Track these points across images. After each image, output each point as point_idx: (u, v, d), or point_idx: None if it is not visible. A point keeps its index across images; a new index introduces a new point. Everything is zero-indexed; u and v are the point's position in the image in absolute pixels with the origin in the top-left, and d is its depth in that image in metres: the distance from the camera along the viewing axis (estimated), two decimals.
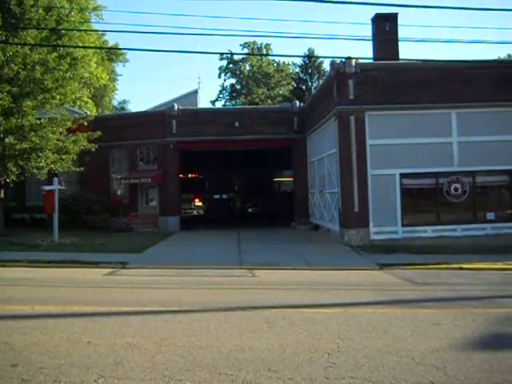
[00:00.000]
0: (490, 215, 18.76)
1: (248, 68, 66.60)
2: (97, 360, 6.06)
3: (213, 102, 67.37)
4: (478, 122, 18.57)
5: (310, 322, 7.88)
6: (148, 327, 7.61)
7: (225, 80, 67.51)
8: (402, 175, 18.52)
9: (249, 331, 7.38)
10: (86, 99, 39.63)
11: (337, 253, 17.04)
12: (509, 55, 47.30)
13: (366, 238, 18.16)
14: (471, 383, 5.42)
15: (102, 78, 44.63)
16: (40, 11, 21.25)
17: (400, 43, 22.01)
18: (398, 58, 20.93)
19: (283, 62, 66.49)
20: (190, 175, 37.83)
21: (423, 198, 19.44)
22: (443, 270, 13.69)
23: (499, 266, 14.11)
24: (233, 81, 67.38)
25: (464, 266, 13.97)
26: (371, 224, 18.30)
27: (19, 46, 20.48)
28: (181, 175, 28.66)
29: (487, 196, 19.50)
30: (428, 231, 18.41)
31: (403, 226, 18.44)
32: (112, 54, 50.80)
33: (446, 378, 5.56)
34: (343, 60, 18.39)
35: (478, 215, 18.76)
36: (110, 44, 49.45)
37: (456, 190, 18.64)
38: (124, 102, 69.65)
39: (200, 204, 37.09)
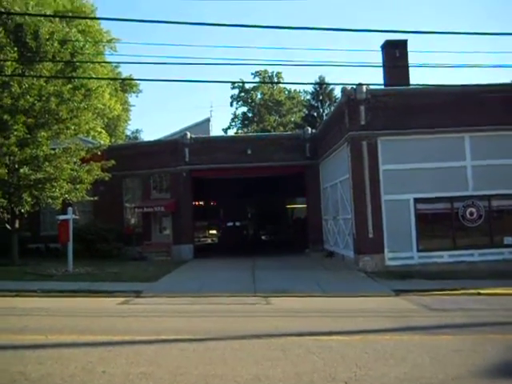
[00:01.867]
0: (508, 240, 18.51)
1: (259, 96, 67.16)
2: None
3: (225, 130, 67.91)
4: (491, 146, 18.49)
5: (327, 350, 7.77)
6: (163, 356, 7.54)
7: (237, 108, 68.13)
8: (417, 200, 18.41)
9: (264, 359, 7.29)
10: (99, 129, 40.09)
11: (352, 279, 16.88)
12: None
13: (380, 263, 17.99)
14: None
15: (115, 108, 45.20)
16: (55, 44, 21.70)
17: (411, 69, 22.16)
18: (408, 84, 21.02)
19: (294, 90, 67.06)
20: (203, 203, 37.90)
21: (438, 223, 19.26)
22: (460, 296, 13.49)
23: None
24: (245, 109, 67.94)
25: (482, 291, 13.75)
26: (386, 250, 18.15)
27: (35, 79, 20.87)
28: (195, 203, 28.73)
29: (504, 220, 19.27)
30: (444, 256, 18.21)
31: (418, 251, 18.25)
32: (125, 84, 51.48)
33: None
34: (354, 86, 18.51)
35: (494, 240, 18.53)
36: (124, 75, 50.26)
37: (471, 214, 18.48)
38: (137, 131, 70.24)
39: (214, 232, 37.07)
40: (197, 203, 32.67)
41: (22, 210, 21.75)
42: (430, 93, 19.17)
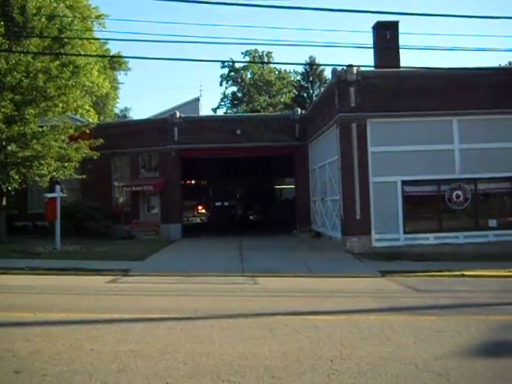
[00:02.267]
0: (492, 222, 18.75)
1: (249, 76, 66.82)
2: (100, 367, 6.06)
3: (214, 110, 67.65)
4: (479, 129, 18.61)
5: (313, 329, 7.87)
6: (151, 334, 7.61)
7: (226, 88, 67.80)
8: (404, 182, 18.53)
9: (251, 338, 7.38)
10: (87, 107, 39.68)
11: (339, 260, 17.02)
12: (510, 62, 47.32)
13: (367, 245, 18.15)
14: None
15: (103, 86, 44.69)
16: (43, 20, 21.36)
17: (401, 51, 22.14)
18: (399, 66, 20.99)
19: (284, 70, 66.80)
20: (193, 182, 37.86)
21: (425, 206, 19.44)
22: (445, 278, 13.68)
23: (501, 273, 14.08)
24: (234, 89, 67.64)
25: (466, 273, 13.95)
26: (373, 231, 18.30)
27: (22, 55, 20.57)
28: (184, 182, 28.68)
29: (489, 203, 19.49)
30: (430, 238, 18.40)
31: (405, 233, 18.43)
32: (114, 62, 50.89)
33: None
34: (344, 68, 18.48)
35: (480, 222, 18.74)
36: (113, 52, 49.61)
37: (458, 197, 18.65)
38: (126, 109, 69.83)
39: (204, 211, 37.04)
40: (186, 182, 32.63)
41: (10, 188, 21.60)
42: (419, 75, 19.18)
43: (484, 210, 18.97)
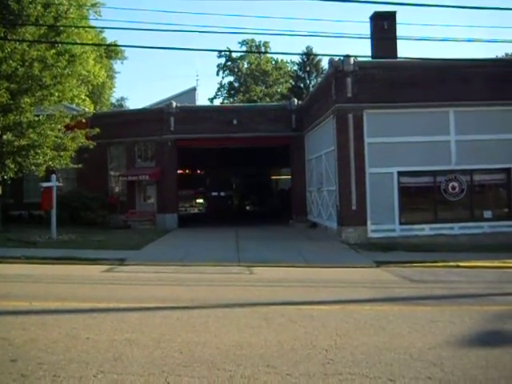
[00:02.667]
0: (487, 213, 18.82)
1: (246, 66, 66.59)
2: (96, 356, 6.08)
3: (211, 100, 67.46)
4: (475, 121, 18.62)
5: (308, 319, 7.91)
6: (147, 323, 7.63)
7: (223, 78, 67.58)
8: (400, 173, 18.55)
9: (247, 328, 7.42)
10: (83, 96, 39.57)
11: (334, 250, 17.08)
12: (506, 54, 47.34)
13: (363, 235, 18.19)
14: (468, 379, 5.46)
15: (99, 75, 44.54)
16: (38, 8, 21.21)
17: (398, 41, 22.09)
18: (396, 57, 20.96)
19: (281, 60, 66.52)
20: (189, 172, 37.78)
21: (421, 196, 19.48)
22: (440, 268, 13.74)
23: (496, 264, 14.16)
24: (231, 78, 67.42)
25: (461, 264, 14.02)
26: (369, 222, 18.34)
27: (17, 43, 20.41)
28: (181, 171, 28.64)
29: (484, 194, 19.55)
30: (425, 229, 18.46)
31: (401, 224, 18.48)
32: (110, 51, 50.62)
33: (443, 374, 5.59)
34: (342, 58, 18.44)
35: (475, 213, 18.80)
36: (109, 41, 49.36)
37: (453, 188, 18.69)
38: (122, 99, 69.52)
39: (201, 201, 36.97)
40: (183, 172, 32.57)
41: (6, 177, 21.54)
42: (416, 66, 19.15)
43: (479, 202, 19.03)
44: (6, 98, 19.92)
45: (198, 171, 39.95)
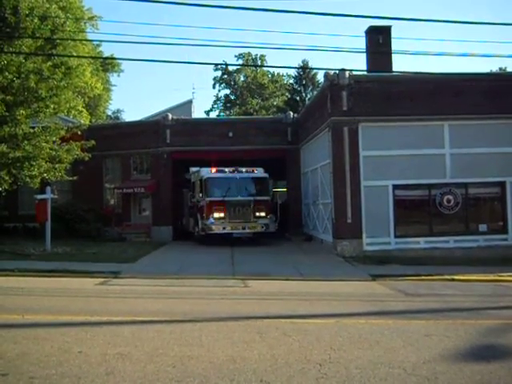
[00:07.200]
0: (483, 227, 18.84)
1: (242, 79, 66.85)
2: (88, 370, 6.02)
3: (207, 113, 67.55)
4: (470, 134, 18.70)
5: (302, 333, 7.87)
6: (140, 337, 7.57)
7: (219, 90, 67.76)
8: (395, 186, 18.58)
9: (241, 342, 7.36)
10: (80, 108, 39.52)
11: (330, 263, 17.04)
12: (500, 68, 47.70)
13: (358, 248, 18.17)
14: None
15: (96, 87, 44.59)
16: (35, 20, 21.20)
17: (394, 56, 22.23)
18: (391, 70, 21.10)
19: (277, 73, 66.81)
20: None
21: (416, 210, 19.49)
22: (435, 282, 13.73)
23: (491, 277, 14.16)
24: (227, 91, 67.63)
25: (456, 277, 14.01)
26: (364, 235, 18.32)
27: (14, 55, 20.44)
28: (176, 184, 28.55)
29: (479, 208, 19.57)
30: (421, 242, 18.46)
31: (396, 237, 18.48)
32: (107, 64, 50.79)
33: None
34: (337, 72, 18.51)
35: (470, 227, 18.83)
36: (105, 54, 49.54)
37: (448, 201, 18.72)
38: (118, 111, 69.42)
39: None
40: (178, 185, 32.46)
41: (0, 189, 21.46)
42: (411, 80, 19.26)
43: (474, 215, 19.06)
44: (2, 109, 19.88)
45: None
